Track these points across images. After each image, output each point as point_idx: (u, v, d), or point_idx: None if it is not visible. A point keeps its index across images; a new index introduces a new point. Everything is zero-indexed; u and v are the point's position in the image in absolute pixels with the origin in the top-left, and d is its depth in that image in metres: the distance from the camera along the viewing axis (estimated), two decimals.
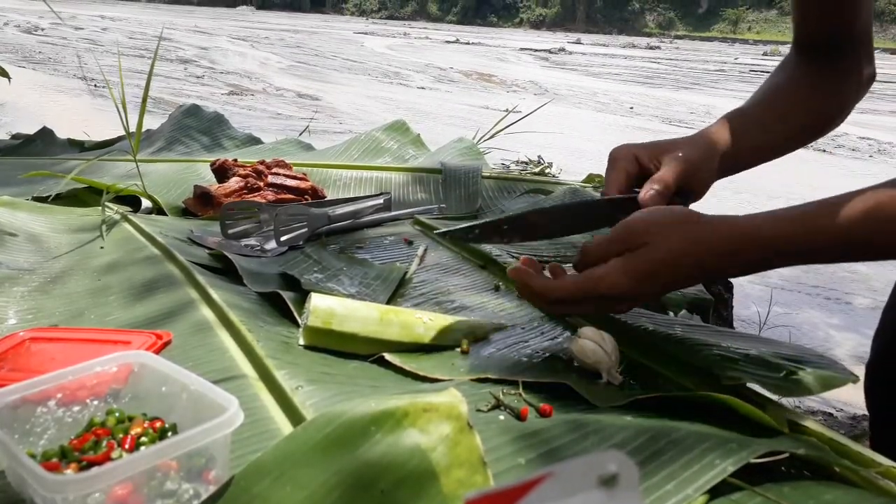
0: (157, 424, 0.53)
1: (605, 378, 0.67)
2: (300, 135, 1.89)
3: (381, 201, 1.23)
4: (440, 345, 0.75)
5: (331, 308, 0.74)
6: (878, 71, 0.94)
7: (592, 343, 0.68)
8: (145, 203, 1.28)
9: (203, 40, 14.90)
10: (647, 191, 0.77)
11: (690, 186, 0.81)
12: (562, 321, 0.83)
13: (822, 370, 0.66)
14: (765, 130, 0.87)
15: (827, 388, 0.65)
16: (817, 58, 0.90)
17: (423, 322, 0.75)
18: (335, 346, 0.74)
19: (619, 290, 0.68)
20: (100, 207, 1.19)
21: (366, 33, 22.77)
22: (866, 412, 0.95)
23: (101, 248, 1.05)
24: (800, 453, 0.54)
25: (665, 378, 0.70)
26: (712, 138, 0.85)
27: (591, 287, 0.69)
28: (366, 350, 0.74)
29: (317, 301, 0.75)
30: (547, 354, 0.74)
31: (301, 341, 0.74)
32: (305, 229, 1.07)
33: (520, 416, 0.61)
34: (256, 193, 1.23)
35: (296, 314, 0.79)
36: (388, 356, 0.72)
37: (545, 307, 0.77)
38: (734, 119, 0.87)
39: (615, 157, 0.83)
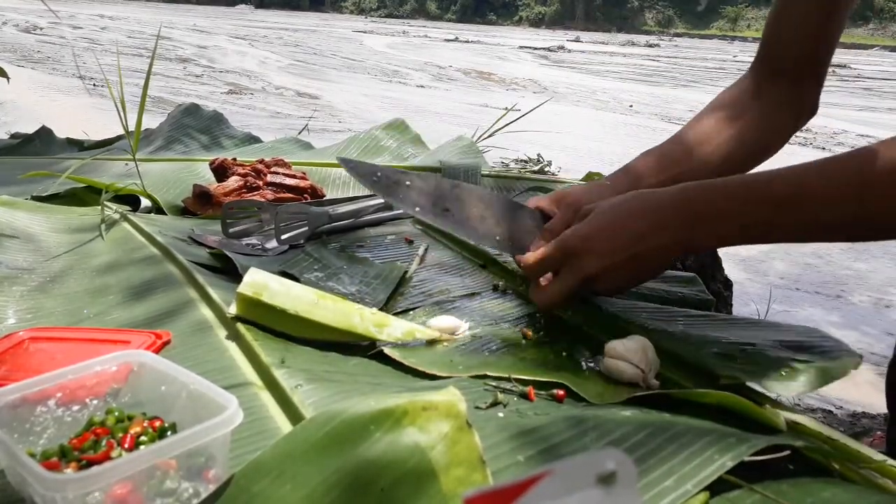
0: (157, 423, 0.53)
1: (643, 386, 0.67)
2: (299, 133, 1.89)
3: (383, 200, 1.23)
4: (374, 339, 0.75)
5: (265, 282, 0.75)
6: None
7: (623, 362, 0.68)
8: (144, 202, 1.29)
9: (202, 39, 14.89)
10: (536, 243, 0.83)
11: None
12: (563, 321, 0.83)
13: (824, 360, 0.66)
14: (692, 167, 0.90)
15: (828, 380, 0.65)
16: (772, 83, 0.92)
17: (362, 314, 0.75)
18: (267, 321, 0.74)
19: (583, 246, 0.74)
20: (99, 207, 1.19)
21: (365, 32, 22.76)
22: (866, 409, 0.95)
23: (100, 240, 1.05)
24: (798, 445, 0.54)
25: (664, 377, 0.70)
26: (623, 176, 0.90)
27: (561, 245, 0.75)
28: (297, 330, 0.74)
29: (253, 274, 0.76)
30: (548, 355, 0.74)
31: (233, 310, 0.75)
32: (306, 228, 1.07)
33: (527, 397, 0.64)
34: (255, 192, 1.23)
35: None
36: (387, 350, 0.73)
37: (528, 275, 0.82)
38: (656, 157, 0.91)
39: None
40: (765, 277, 3.47)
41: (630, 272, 0.75)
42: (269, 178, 1.26)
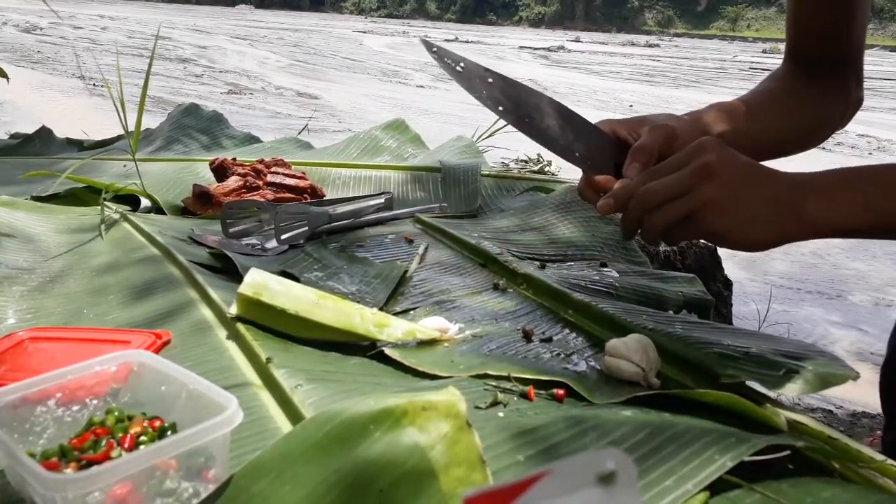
0: (157, 423, 0.53)
1: (644, 385, 0.67)
2: (299, 133, 1.89)
3: (383, 200, 1.23)
4: (374, 339, 0.75)
5: (265, 282, 0.75)
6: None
7: (623, 361, 0.68)
8: (144, 202, 1.29)
9: (202, 39, 14.89)
10: (629, 163, 0.73)
11: (671, 154, 0.75)
12: (563, 321, 0.83)
13: (822, 367, 0.66)
14: (748, 130, 0.85)
15: (827, 385, 0.65)
16: (807, 72, 0.90)
17: (362, 314, 0.75)
18: (267, 321, 0.74)
19: (718, 157, 0.65)
20: (99, 207, 1.19)
21: (364, 32, 22.75)
22: (866, 409, 0.95)
23: (100, 239, 1.05)
24: (798, 445, 0.54)
25: (664, 376, 0.70)
26: (693, 118, 0.83)
27: (688, 179, 0.66)
28: (298, 330, 0.74)
29: (254, 274, 0.76)
30: (549, 354, 0.74)
31: (233, 310, 0.75)
32: (306, 228, 1.07)
33: (527, 397, 0.64)
34: (255, 192, 1.23)
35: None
36: (387, 350, 0.73)
37: (641, 209, 0.69)
38: (722, 110, 0.86)
39: None
40: (765, 277, 3.47)
41: (739, 192, 0.66)
42: (269, 178, 1.26)
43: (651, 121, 0.79)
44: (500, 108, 0.76)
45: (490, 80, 0.76)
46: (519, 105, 0.76)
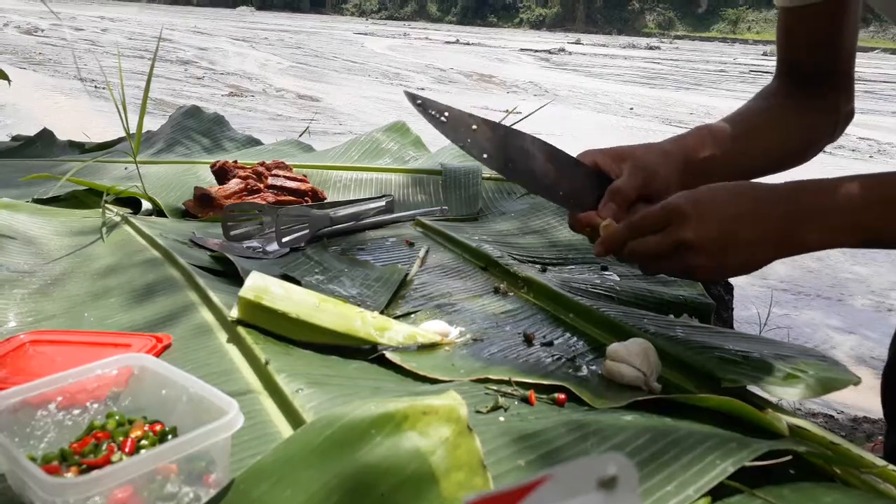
0: (157, 427, 0.53)
1: (645, 389, 0.67)
2: (300, 136, 1.89)
3: (384, 203, 1.23)
4: (375, 343, 0.75)
5: (266, 285, 0.75)
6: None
7: (624, 365, 0.67)
8: (145, 205, 1.29)
9: (203, 41, 14.91)
10: (605, 202, 0.76)
11: (650, 193, 0.79)
12: (564, 325, 0.83)
13: (823, 372, 0.66)
14: (737, 151, 0.86)
15: (828, 390, 0.65)
16: (797, 88, 0.90)
17: (363, 318, 0.75)
18: (268, 325, 0.74)
19: (692, 211, 0.68)
20: (100, 209, 1.19)
21: (366, 34, 22.77)
22: (867, 414, 0.95)
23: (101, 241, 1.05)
24: (800, 450, 0.54)
25: (665, 380, 0.70)
26: (678, 145, 0.84)
27: (667, 207, 0.69)
28: (299, 334, 0.74)
29: (255, 278, 0.76)
30: (550, 358, 0.74)
31: (234, 313, 0.75)
32: (307, 231, 1.07)
33: (528, 401, 0.64)
34: (256, 195, 1.23)
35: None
36: (388, 354, 0.73)
37: (614, 235, 0.73)
38: (708, 132, 0.87)
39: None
40: (766, 281, 3.47)
41: (721, 254, 0.69)
42: (270, 180, 1.26)
43: (632, 156, 0.80)
44: (485, 156, 0.78)
45: (474, 126, 0.77)
46: (502, 150, 0.78)
